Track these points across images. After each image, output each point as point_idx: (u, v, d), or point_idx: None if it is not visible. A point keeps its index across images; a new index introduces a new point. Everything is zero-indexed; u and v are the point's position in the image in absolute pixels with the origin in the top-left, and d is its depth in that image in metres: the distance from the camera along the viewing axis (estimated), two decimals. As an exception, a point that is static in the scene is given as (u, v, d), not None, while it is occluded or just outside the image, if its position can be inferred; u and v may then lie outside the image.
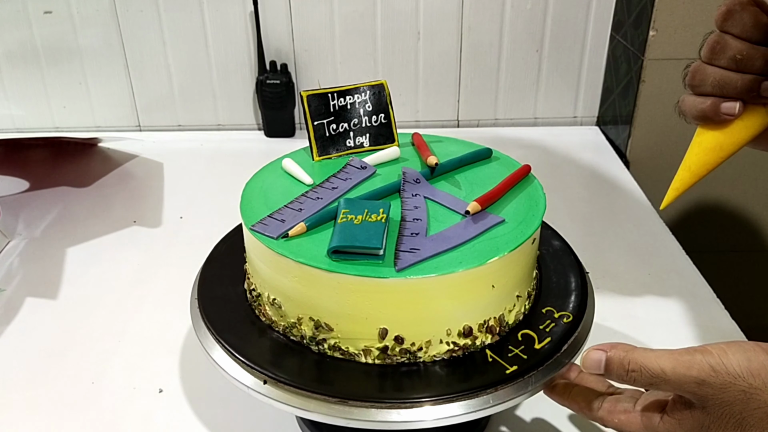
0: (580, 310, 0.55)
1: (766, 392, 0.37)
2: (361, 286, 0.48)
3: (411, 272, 0.47)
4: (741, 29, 0.45)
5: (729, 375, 0.38)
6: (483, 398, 0.48)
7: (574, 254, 0.62)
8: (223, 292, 0.59)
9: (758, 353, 0.38)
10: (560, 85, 1.21)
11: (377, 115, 0.65)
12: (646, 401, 0.44)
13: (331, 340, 0.51)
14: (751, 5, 0.45)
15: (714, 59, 0.46)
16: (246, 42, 1.17)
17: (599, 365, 0.43)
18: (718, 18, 0.46)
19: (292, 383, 0.49)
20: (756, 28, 0.45)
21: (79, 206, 0.98)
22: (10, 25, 1.14)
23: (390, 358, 0.50)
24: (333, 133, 0.64)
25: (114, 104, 1.22)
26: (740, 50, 0.45)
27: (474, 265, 0.48)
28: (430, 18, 1.15)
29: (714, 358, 0.38)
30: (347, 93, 0.64)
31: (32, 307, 0.77)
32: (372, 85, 0.65)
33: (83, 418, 0.62)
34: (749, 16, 0.45)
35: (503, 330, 0.53)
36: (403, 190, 0.57)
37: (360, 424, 0.47)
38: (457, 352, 0.51)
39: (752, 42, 0.45)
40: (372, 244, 0.48)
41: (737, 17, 0.45)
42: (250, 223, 0.54)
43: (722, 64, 0.46)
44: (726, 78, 0.46)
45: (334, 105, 0.64)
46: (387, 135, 0.66)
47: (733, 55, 0.45)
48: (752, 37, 0.45)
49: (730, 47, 0.46)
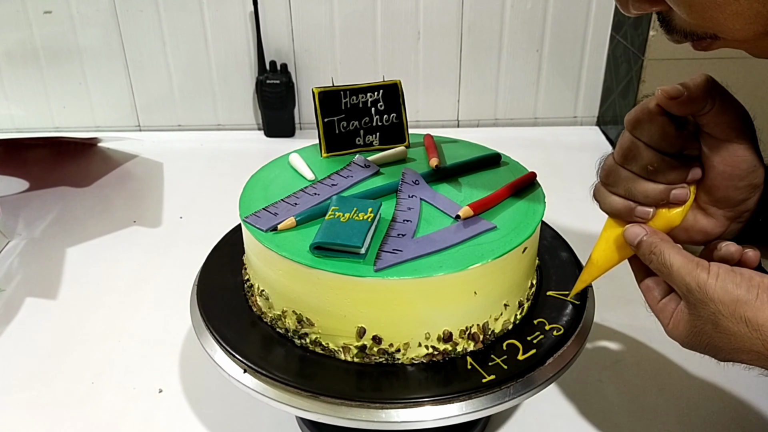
0: (574, 324, 0.54)
1: (730, 321, 0.41)
2: (340, 284, 0.48)
3: (389, 273, 0.47)
4: (649, 139, 0.45)
5: (706, 295, 0.42)
6: (457, 405, 0.47)
7: (580, 267, 0.60)
8: (224, 280, 0.59)
9: (740, 287, 0.41)
10: (560, 85, 1.21)
11: (389, 114, 0.65)
12: None
13: (312, 335, 0.51)
14: (659, 115, 0.45)
15: (626, 164, 0.47)
16: (246, 42, 1.17)
17: (634, 240, 0.47)
18: (628, 123, 0.46)
19: (273, 376, 0.49)
20: (664, 140, 0.45)
21: (79, 206, 0.98)
22: (10, 25, 1.14)
23: (368, 357, 0.50)
24: (343, 130, 0.64)
25: (114, 104, 1.22)
26: (651, 161, 0.46)
27: (454, 270, 0.47)
28: (430, 18, 1.15)
29: (705, 275, 0.42)
30: (360, 91, 0.64)
31: (32, 307, 0.77)
32: (385, 85, 0.64)
33: (83, 418, 0.62)
34: (657, 127, 0.45)
35: (488, 338, 0.52)
36: (400, 191, 0.57)
37: (336, 420, 0.47)
38: (436, 356, 0.50)
39: (661, 151, 0.46)
40: (353, 242, 0.48)
41: (645, 127, 0.45)
42: (244, 214, 0.54)
43: (634, 171, 0.47)
44: (638, 185, 0.47)
45: (346, 103, 0.64)
46: (398, 135, 0.65)
47: (644, 165, 0.46)
48: (660, 148, 0.46)
49: (641, 156, 0.46)
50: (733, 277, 0.42)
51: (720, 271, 0.42)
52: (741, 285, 0.41)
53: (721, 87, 0.44)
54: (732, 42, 0.40)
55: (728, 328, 0.41)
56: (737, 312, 0.41)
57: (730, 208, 0.47)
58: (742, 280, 0.41)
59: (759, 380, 0.64)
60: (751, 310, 0.40)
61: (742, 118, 0.44)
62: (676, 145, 0.46)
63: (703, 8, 0.38)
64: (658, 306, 0.47)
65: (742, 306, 0.41)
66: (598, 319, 0.56)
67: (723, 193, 0.46)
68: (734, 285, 0.41)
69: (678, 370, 0.67)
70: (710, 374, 0.65)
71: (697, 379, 0.66)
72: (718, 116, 0.44)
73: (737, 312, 0.41)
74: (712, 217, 0.48)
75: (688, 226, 0.48)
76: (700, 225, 0.48)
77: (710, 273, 0.42)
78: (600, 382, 0.65)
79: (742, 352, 0.42)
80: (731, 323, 0.41)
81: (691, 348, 0.45)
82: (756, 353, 0.41)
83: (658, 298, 0.47)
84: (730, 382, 0.65)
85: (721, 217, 0.48)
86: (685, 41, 0.42)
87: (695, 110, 0.44)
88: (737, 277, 0.42)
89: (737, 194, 0.46)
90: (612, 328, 0.72)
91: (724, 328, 0.41)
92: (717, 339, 0.42)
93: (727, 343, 0.42)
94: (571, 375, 0.54)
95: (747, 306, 0.41)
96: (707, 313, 0.42)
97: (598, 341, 0.70)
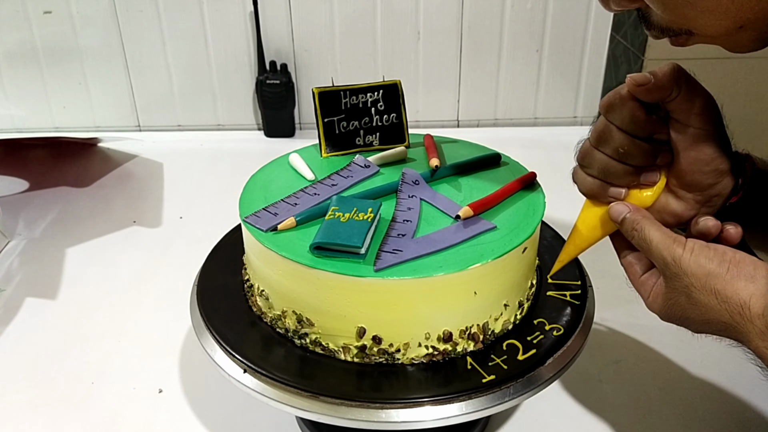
0: (574, 324, 0.54)
1: (701, 293, 0.43)
2: (339, 284, 0.48)
3: (389, 273, 0.47)
4: (620, 123, 0.47)
5: (680, 268, 0.44)
6: (457, 405, 0.47)
7: (580, 267, 0.61)
8: (224, 280, 0.60)
9: (713, 261, 0.43)
10: (560, 85, 1.21)
11: (389, 114, 0.65)
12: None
13: (312, 335, 0.51)
14: (630, 100, 0.47)
15: (600, 146, 0.49)
16: (246, 42, 1.17)
17: (618, 217, 0.49)
18: (602, 107, 0.48)
19: (273, 376, 0.49)
20: (634, 124, 0.47)
21: (79, 206, 0.98)
22: (10, 25, 1.14)
23: (369, 357, 0.50)
24: (343, 130, 0.64)
25: (114, 104, 1.22)
26: (622, 144, 0.48)
27: (454, 270, 0.47)
28: (430, 18, 1.15)
29: (680, 250, 0.44)
30: (360, 91, 0.64)
31: (32, 307, 0.77)
32: (385, 85, 0.64)
33: (83, 418, 0.62)
34: (627, 111, 0.47)
35: (488, 338, 0.52)
36: (400, 191, 0.57)
37: (336, 420, 0.48)
38: (437, 356, 0.50)
39: (632, 135, 0.48)
40: (353, 242, 0.48)
41: (617, 111, 0.47)
42: (244, 214, 0.54)
43: (607, 153, 0.49)
44: (610, 167, 0.49)
45: (346, 103, 0.64)
46: (398, 135, 0.65)
47: (616, 147, 0.48)
48: (631, 131, 0.47)
49: (613, 139, 0.48)
50: (707, 252, 0.44)
51: (695, 247, 0.44)
52: (713, 259, 0.43)
53: (689, 75, 0.46)
54: (706, 38, 0.43)
55: (700, 300, 0.43)
56: (708, 284, 0.43)
57: (699, 192, 0.49)
58: (715, 255, 0.43)
59: (759, 380, 0.64)
60: (720, 283, 0.43)
61: (708, 106, 0.46)
62: (646, 130, 0.48)
63: (676, 5, 0.40)
64: (639, 280, 0.49)
65: (713, 279, 0.43)
66: (598, 319, 0.56)
67: (690, 178, 0.48)
68: (707, 259, 0.43)
69: (678, 370, 0.67)
70: (710, 374, 0.66)
71: (697, 379, 0.66)
72: (684, 103, 0.46)
73: (708, 284, 0.43)
74: (682, 200, 0.50)
75: (660, 208, 0.50)
76: (671, 208, 0.50)
77: (685, 248, 0.44)
78: (600, 382, 0.65)
79: (712, 323, 0.44)
80: (702, 295, 0.43)
81: (668, 320, 0.47)
82: (724, 324, 0.43)
83: (639, 273, 0.49)
84: (730, 382, 0.65)
85: (691, 201, 0.49)
86: (663, 37, 0.45)
87: (662, 97, 0.46)
88: (710, 252, 0.44)
89: (704, 179, 0.48)
90: (612, 327, 0.72)
91: (696, 300, 0.44)
92: (690, 311, 0.44)
93: (699, 314, 0.44)
94: (571, 375, 0.54)
95: (717, 279, 0.43)
96: (681, 286, 0.44)
97: (598, 341, 0.70)
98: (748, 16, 0.39)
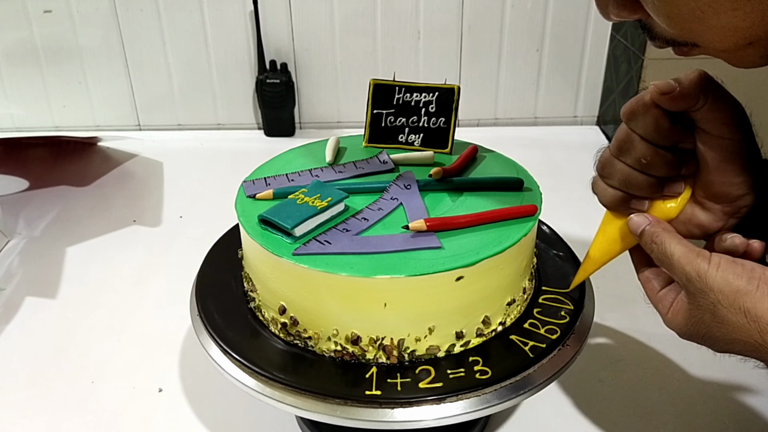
0: (573, 324, 0.53)
1: (729, 311, 0.41)
2: (267, 258, 0.51)
3: (304, 260, 0.48)
4: (643, 131, 0.45)
5: (706, 284, 0.42)
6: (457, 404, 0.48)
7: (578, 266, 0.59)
8: (224, 279, 0.60)
9: (741, 277, 0.41)
10: (560, 84, 1.21)
11: (437, 117, 0.64)
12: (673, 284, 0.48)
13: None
14: (653, 107, 0.44)
15: (621, 156, 0.47)
16: (246, 41, 1.17)
17: (637, 230, 0.47)
18: (623, 115, 0.46)
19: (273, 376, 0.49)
20: (657, 133, 0.45)
21: (79, 205, 0.98)
22: (10, 24, 1.14)
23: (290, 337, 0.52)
24: (389, 125, 0.65)
25: (114, 103, 1.22)
26: (645, 154, 0.46)
27: (360, 274, 0.47)
28: (430, 18, 1.15)
29: (706, 265, 0.42)
30: (415, 90, 0.64)
31: (32, 307, 0.77)
32: (443, 88, 0.63)
33: (83, 417, 0.62)
34: (651, 119, 0.45)
35: (404, 356, 0.50)
36: (387, 191, 0.57)
37: (336, 420, 0.48)
38: (345, 355, 0.50)
39: (655, 144, 0.45)
40: (286, 222, 0.50)
41: (640, 119, 0.45)
42: (251, 179, 0.58)
43: (629, 163, 0.47)
44: (632, 178, 0.47)
45: (399, 99, 0.64)
46: (441, 139, 0.64)
47: (638, 157, 0.46)
48: (654, 141, 0.45)
49: (635, 149, 0.46)
50: (734, 267, 0.41)
51: (721, 261, 0.42)
52: (742, 276, 0.41)
53: (716, 83, 0.43)
54: (712, 51, 0.40)
55: (727, 318, 0.41)
56: (737, 302, 0.40)
57: (728, 203, 0.47)
58: (743, 270, 0.41)
59: (759, 381, 0.64)
60: (750, 301, 0.40)
61: (736, 115, 0.44)
62: (670, 139, 0.45)
63: (683, 20, 0.38)
64: (658, 296, 0.47)
65: (742, 296, 0.40)
66: (597, 319, 0.56)
67: (719, 189, 0.46)
68: (735, 275, 0.41)
69: (678, 370, 0.67)
70: (710, 374, 0.66)
71: (697, 379, 0.66)
72: (711, 112, 0.43)
73: (737, 302, 0.40)
74: (709, 211, 0.47)
75: (686, 220, 0.48)
76: (697, 219, 0.48)
77: (711, 263, 0.42)
78: (600, 382, 0.65)
79: (739, 343, 0.42)
80: (730, 313, 0.41)
81: (688, 338, 0.45)
82: (752, 344, 0.41)
83: (658, 289, 0.47)
84: (730, 382, 0.65)
85: (718, 212, 0.47)
86: (667, 47, 0.42)
87: (687, 106, 0.44)
88: (738, 268, 0.41)
89: (733, 190, 0.46)
90: (612, 327, 0.72)
91: (723, 318, 0.41)
92: (715, 329, 0.42)
93: (725, 333, 0.42)
94: (570, 375, 0.54)
95: (747, 296, 0.40)
96: (706, 303, 0.42)
97: (598, 341, 0.70)
98: (759, 34, 0.37)
